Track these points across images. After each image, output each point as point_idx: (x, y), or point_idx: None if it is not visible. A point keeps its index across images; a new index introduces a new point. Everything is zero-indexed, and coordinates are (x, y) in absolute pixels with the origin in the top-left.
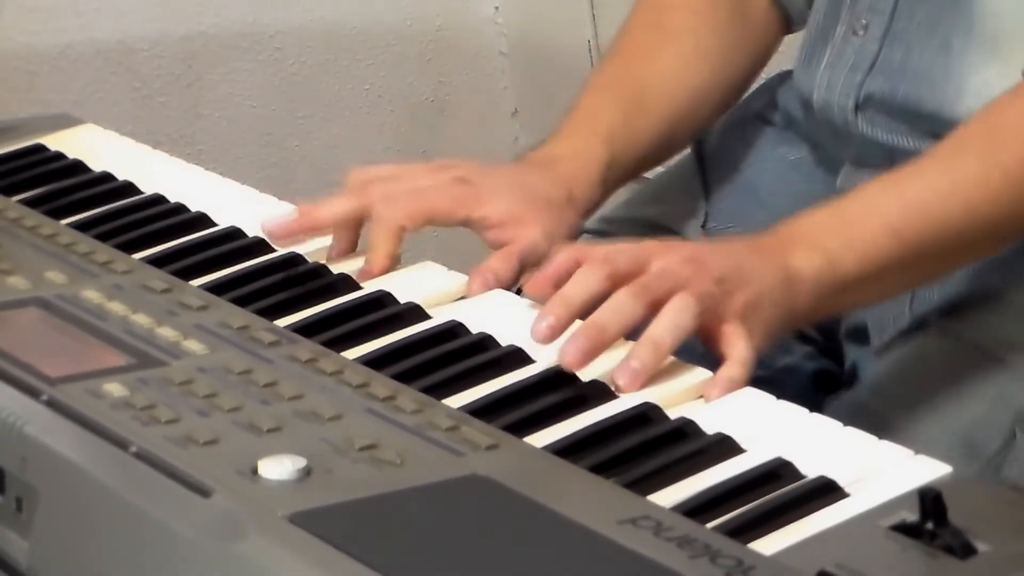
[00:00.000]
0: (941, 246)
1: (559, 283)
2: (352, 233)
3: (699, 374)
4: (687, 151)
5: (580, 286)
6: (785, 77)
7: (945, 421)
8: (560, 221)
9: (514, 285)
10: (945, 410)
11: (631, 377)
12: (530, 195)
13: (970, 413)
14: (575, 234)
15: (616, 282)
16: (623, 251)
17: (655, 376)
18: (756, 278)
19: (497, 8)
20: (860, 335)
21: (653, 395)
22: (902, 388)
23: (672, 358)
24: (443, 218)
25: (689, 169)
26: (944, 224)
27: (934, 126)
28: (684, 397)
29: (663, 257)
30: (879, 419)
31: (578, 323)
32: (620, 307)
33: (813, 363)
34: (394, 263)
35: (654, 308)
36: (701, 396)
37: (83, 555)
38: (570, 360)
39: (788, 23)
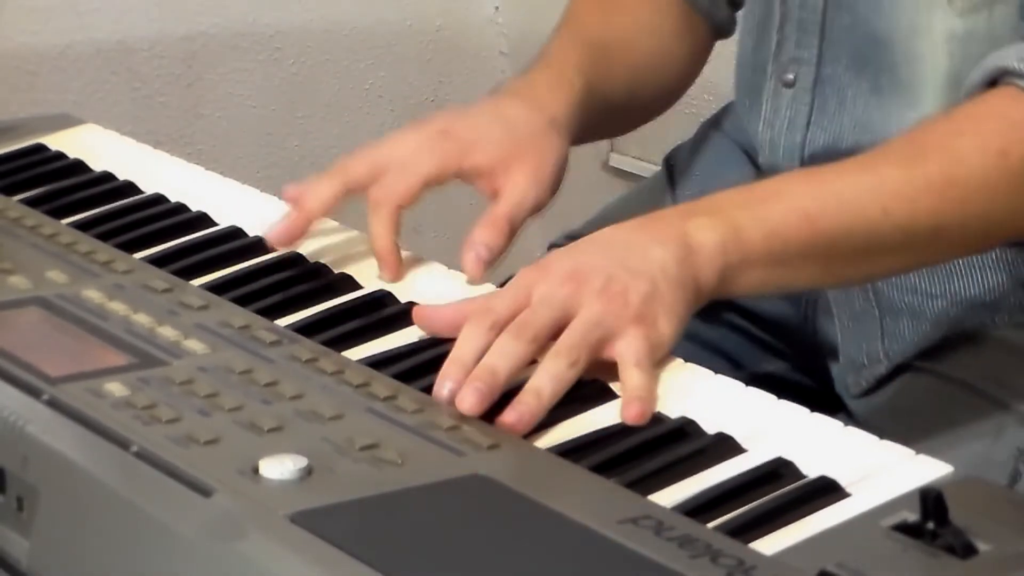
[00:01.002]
0: (854, 242)
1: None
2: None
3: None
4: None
5: (468, 345)
6: None
7: (946, 461)
8: (545, 154)
9: (508, 249)
10: (944, 449)
11: (516, 421)
12: (513, 132)
13: (970, 451)
14: (564, 157)
15: (501, 328)
16: (502, 295)
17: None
18: (645, 263)
19: (497, 8)
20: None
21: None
22: (897, 426)
23: None
24: (434, 180)
25: (659, 185)
26: (858, 220)
27: None
28: None
29: (541, 283)
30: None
31: None
32: (504, 351)
33: (793, 375)
34: (396, 247)
35: (540, 341)
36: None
37: (83, 555)
38: (468, 407)
39: (716, 31)
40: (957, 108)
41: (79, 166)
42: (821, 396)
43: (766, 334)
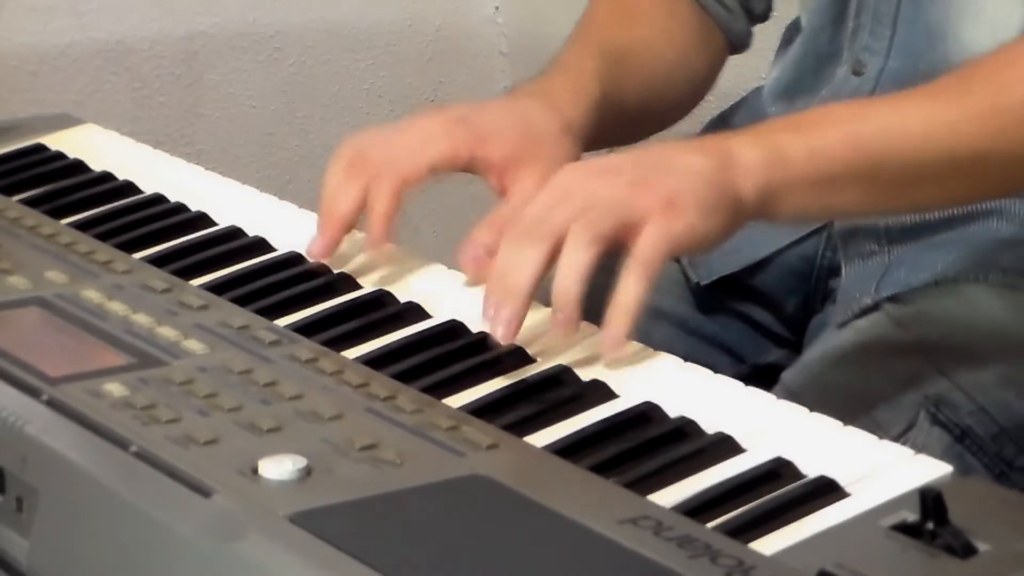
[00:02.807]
0: (897, 166)
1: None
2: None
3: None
4: None
5: (510, 260)
6: (760, 92)
7: (853, 399)
8: (557, 157)
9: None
10: (855, 389)
11: (560, 326)
12: (529, 130)
13: (879, 393)
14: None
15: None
16: (534, 200)
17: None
18: (683, 166)
19: (497, 8)
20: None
21: (597, 373)
22: (826, 367)
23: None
24: (445, 164)
25: None
26: (902, 142)
27: None
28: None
29: (570, 178)
30: (791, 396)
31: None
32: (517, 262)
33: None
34: (393, 220)
35: (557, 242)
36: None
37: (83, 555)
38: (500, 337)
39: (732, 45)
40: (1011, 41)
41: (79, 166)
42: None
43: (767, 314)
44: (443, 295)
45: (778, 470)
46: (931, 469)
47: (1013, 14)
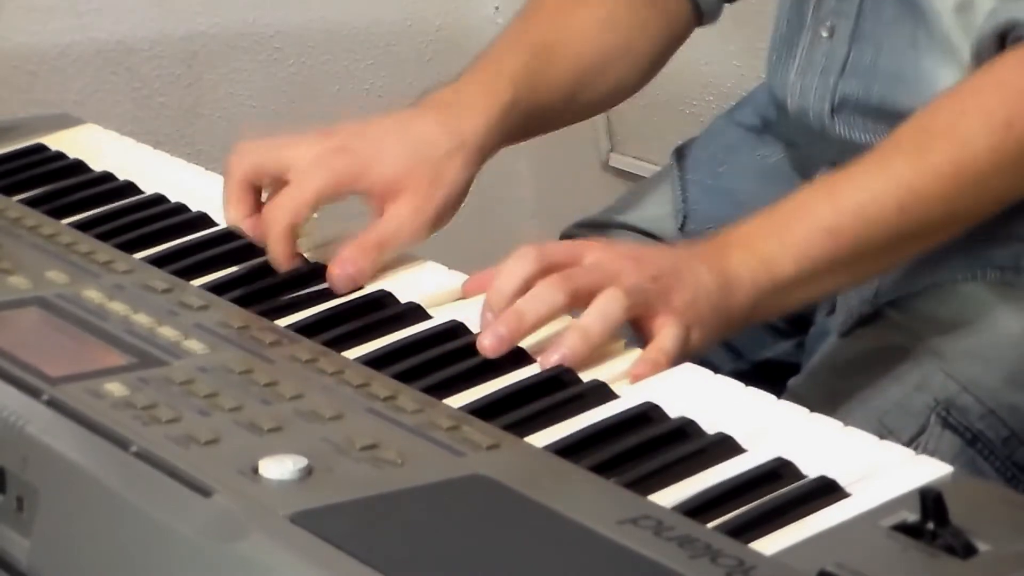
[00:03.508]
0: (876, 245)
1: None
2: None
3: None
4: (669, 162)
5: (509, 275)
6: (765, 88)
7: (863, 404)
8: (440, 182)
9: (374, 274)
10: (865, 394)
11: (559, 358)
12: (414, 151)
13: (890, 398)
14: (466, 184)
15: (546, 271)
16: (558, 244)
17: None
18: (693, 278)
19: (497, 8)
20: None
21: (597, 373)
22: (833, 374)
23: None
24: (328, 198)
25: (668, 172)
26: (877, 224)
27: None
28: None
29: (600, 251)
30: (800, 400)
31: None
32: (540, 296)
33: (794, 358)
34: (293, 258)
35: (579, 299)
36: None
37: (83, 555)
38: (486, 348)
39: (699, 16)
40: (962, 82)
41: (79, 166)
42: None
43: None
44: (443, 295)
45: (778, 470)
46: (931, 469)
47: None
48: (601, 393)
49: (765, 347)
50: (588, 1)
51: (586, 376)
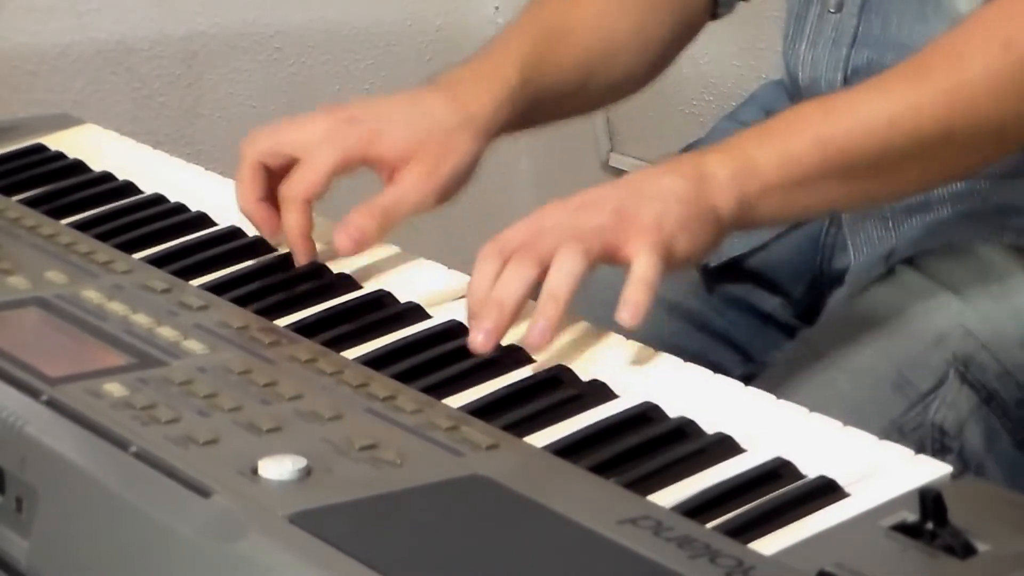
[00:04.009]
0: (867, 158)
1: None
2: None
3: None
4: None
5: (480, 275)
6: (769, 87)
7: (881, 356)
8: (449, 152)
9: (381, 239)
10: (883, 346)
11: (539, 335)
12: (422, 124)
13: (908, 351)
14: (474, 158)
15: (512, 254)
16: (514, 226)
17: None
18: (657, 190)
19: (497, 8)
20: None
21: (597, 373)
22: (848, 325)
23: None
24: (340, 168)
25: None
26: (868, 134)
27: None
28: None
29: (555, 213)
30: (815, 351)
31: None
32: (510, 279)
33: None
34: (311, 235)
35: (546, 265)
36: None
37: (83, 555)
38: (480, 343)
39: (714, 7)
40: (961, 20)
41: (79, 166)
42: None
43: (776, 302)
44: (443, 295)
45: (778, 470)
46: (931, 469)
47: None
48: (601, 393)
49: (776, 348)
50: None
51: (586, 376)
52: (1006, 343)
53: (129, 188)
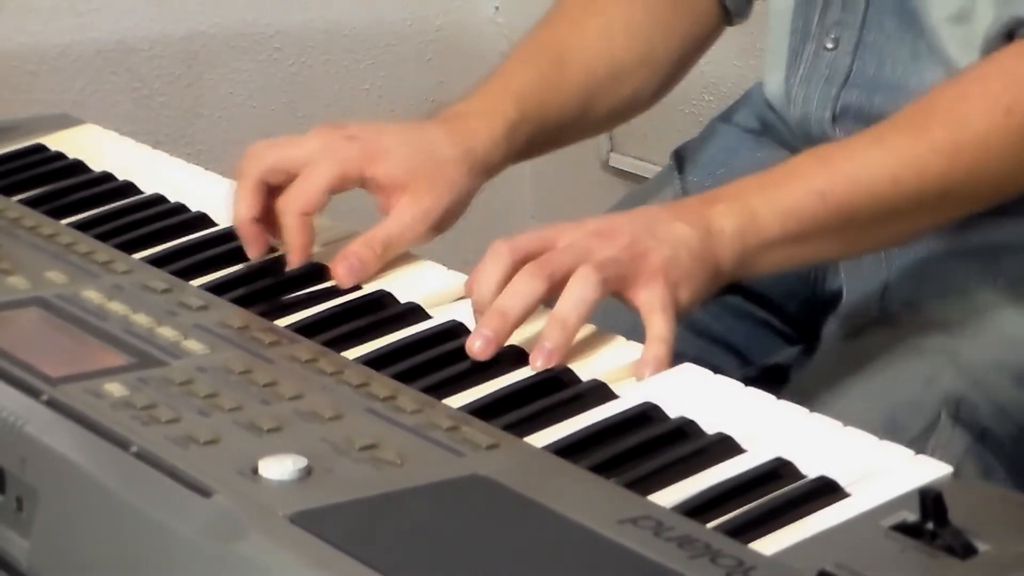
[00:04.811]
0: (867, 214)
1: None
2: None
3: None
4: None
5: (486, 276)
6: (762, 87)
7: (873, 400)
8: (447, 185)
9: (378, 269)
10: (875, 390)
11: (545, 357)
12: (421, 151)
13: (900, 394)
14: (471, 193)
15: (520, 263)
16: (528, 234)
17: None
18: (669, 235)
19: (497, 8)
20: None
21: (597, 373)
22: (840, 368)
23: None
24: (338, 185)
25: (668, 176)
26: (869, 192)
27: None
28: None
29: (569, 233)
30: (803, 397)
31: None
32: (518, 289)
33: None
34: (310, 248)
35: (556, 283)
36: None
37: (83, 555)
38: (478, 350)
39: (728, 16)
40: (966, 69)
41: (79, 166)
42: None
43: (770, 314)
44: (443, 295)
45: (778, 470)
46: (931, 469)
47: None
48: (601, 393)
49: (773, 352)
50: (604, 8)
51: (586, 375)
52: (999, 381)
53: (129, 188)
